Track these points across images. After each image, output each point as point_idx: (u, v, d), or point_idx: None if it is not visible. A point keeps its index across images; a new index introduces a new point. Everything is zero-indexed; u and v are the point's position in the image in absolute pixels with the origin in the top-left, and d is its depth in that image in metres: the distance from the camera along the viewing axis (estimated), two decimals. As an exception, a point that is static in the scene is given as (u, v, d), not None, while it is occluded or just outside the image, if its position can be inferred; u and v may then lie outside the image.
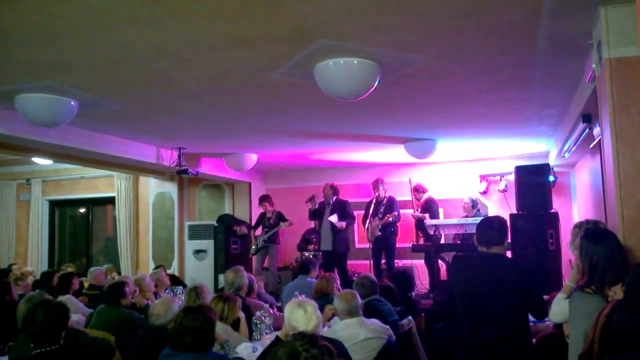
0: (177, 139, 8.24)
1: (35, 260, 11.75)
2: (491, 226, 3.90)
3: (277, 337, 3.91)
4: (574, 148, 7.05)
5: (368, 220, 9.09)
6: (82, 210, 12.42)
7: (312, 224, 10.66)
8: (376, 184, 9.35)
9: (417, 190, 9.68)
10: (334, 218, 9.03)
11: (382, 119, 7.03)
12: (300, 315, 3.74)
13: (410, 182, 9.63)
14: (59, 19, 3.67)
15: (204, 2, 3.45)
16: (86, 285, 7.74)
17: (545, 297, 4.00)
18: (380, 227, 9.03)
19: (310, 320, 3.71)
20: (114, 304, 5.34)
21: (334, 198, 9.32)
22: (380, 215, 9.09)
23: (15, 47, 4.18)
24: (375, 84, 4.77)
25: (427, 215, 9.41)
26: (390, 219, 8.98)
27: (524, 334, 3.78)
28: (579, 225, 3.83)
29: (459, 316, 3.90)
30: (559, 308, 3.54)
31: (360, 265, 9.84)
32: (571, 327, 3.19)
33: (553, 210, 7.92)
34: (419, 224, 9.39)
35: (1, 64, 4.59)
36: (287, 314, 3.85)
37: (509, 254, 4.92)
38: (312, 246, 10.36)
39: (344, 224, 9.05)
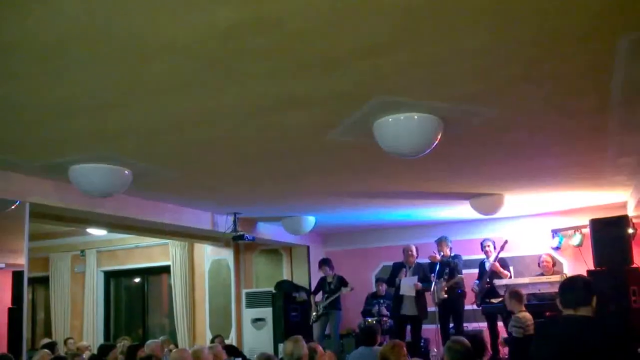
0: (232, 203, 8.20)
1: (91, 333, 11.70)
2: (575, 285, 3.62)
3: None
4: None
5: (433, 283, 8.69)
6: (138, 280, 12.42)
7: (373, 288, 10.29)
8: (441, 243, 9.00)
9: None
10: (412, 280, 8.72)
11: (445, 174, 6.85)
12: None
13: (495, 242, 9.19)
14: (115, 88, 3.70)
15: (260, 64, 3.40)
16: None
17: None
18: (446, 289, 8.63)
19: None
20: None
21: (415, 259, 9.03)
22: (446, 277, 8.68)
23: (71, 117, 4.23)
24: (438, 140, 4.60)
25: (508, 273, 9.00)
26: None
27: None
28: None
29: None
30: None
31: (426, 330, 9.34)
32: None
33: (635, 265, 7.54)
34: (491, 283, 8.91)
35: (56, 135, 4.64)
36: None
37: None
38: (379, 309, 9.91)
39: (420, 285, 8.73)
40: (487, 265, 9.01)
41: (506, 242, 8.90)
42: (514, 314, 7.13)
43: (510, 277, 9.08)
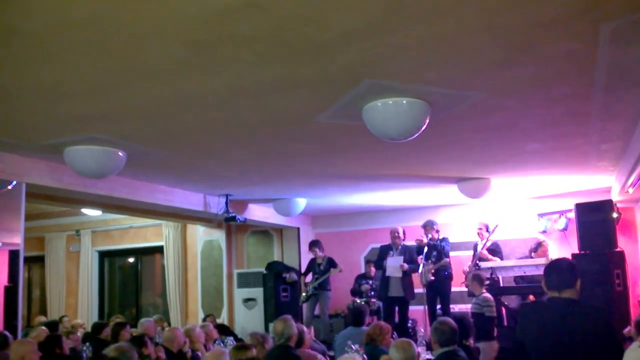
0: (224, 185, 8.24)
1: (86, 311, 11.82)
2: (560, 268, 3.65)
3: None
4: (638, 183, 6.72)
5: (421, 265, 8.82)
6: (131, 259, 12.51)
7: (362, 270, 10.40)
8: (427, 226, 9.11)
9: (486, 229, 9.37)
10: (397, 261, 8.83)
11: (433, 158, 6.88)
12: None
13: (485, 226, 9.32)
14: (107, 72, 3.71)
15: (250, 48, 3.41)
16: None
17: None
18: (433, 271, 8.77)
19: None
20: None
21: (402, 242, 9.13)
22: (433, 259, 8.82)
23: (64, 100, 4.24)
24: (426, 124, 4.63)
25: (497, 259, 9.14)
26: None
27: None
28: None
29: None
30: (633, 356, 3.33)
31: (414, 312, 9.51)
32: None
33: (618, 249, 7.62)
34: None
35: (50, 117, 4.66)
36: None
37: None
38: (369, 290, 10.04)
39: (407, 266, 8.85)
40: (479, 248, 9.15)
41: (497, 226, 9.04)
42: (477, 296, 7.38)
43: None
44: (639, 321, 4.77)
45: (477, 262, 8.91)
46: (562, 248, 9.46)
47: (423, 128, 4.65)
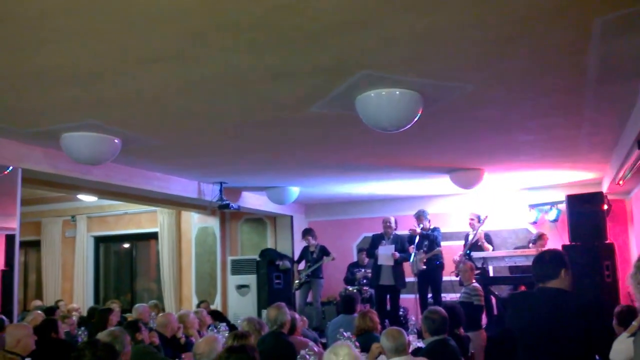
0: (218, 173, 8.27)
1: (81, 296, 11.87)
2: (542, 260, 3.72)
3: None
4: (629, 175, 6.78)
5: (413, 254, 8.88)
6: (126, 245, 12.55)
7: (354, 258, 10.47)
8: (420, 216, 9.17)
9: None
10: (389, 250, 8.90)
11: (426, 149, 6.91)
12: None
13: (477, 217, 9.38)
14: (100, 58, 3.71)
15: (242, 36, 3.43)
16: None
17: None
18: (425, 260, 8.84)
19: None
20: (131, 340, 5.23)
21: (394, 231, 9.18)
22: (425, 249, 8.89)
23: (59, 86, 4.24)
24: (419, 115, 4.66)
25: (490, 247, 9.21)
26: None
27: None
28: (643, 258, 3.59)
29: (520, 355, 3.70)
30: (621, 347, 3.37)
31: (406, 300, 9.59)
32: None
33: (608, 241, 7.67)
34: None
35: (46, 104, 4.67)
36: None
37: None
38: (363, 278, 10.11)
39: (398, 255, 8.92)
40: (470, 238, 9.22)
41: (486, 217, 9.11)
42: (466, 285, 7.50)
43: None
44: (619, 312, 4.84)
45: (469, 251, 8.99)
46: (553, 239, 9.48)
47: (415, 119, 4.67)
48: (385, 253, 8.93)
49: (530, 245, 9.12)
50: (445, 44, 3.63)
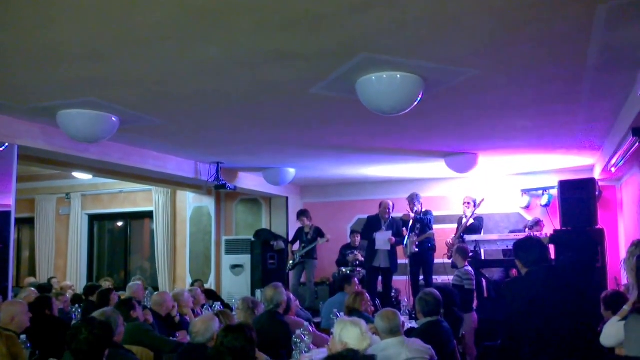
0: (215, 154, 8.27)
1: (75, 274, 11.87)
2: (533, 246, 3.85)
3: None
4: (621, 162, 6.84)
5: (406, 237, 8.95)
6: (121, 224, 12.54)
7: (347, 240, 10.57)
8: (413, 199, 9.21)
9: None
10: (386, 235, 8.96)
11: (423, 133, 6.93)
12: (356, 333, 3.75)
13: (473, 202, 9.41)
14: (103, 36, 3.71)
15: (246, 18, 3.43)
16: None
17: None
18: (417, 243, 8.90)
19: (365, 339, 3.73)
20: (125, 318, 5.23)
21: (390, 215, 9.22)
22: (417, 231, 8.95)
23: (59, 64, 4.23)
24: (419, 99, 4.67)
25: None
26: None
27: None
28: (636, 244, 3.66)
29: (526, 335, 3.78)
30: (612, 331, 3.42)
31: (397, 282, 9.67)
32: (627, 350, 3.06)
33: (599, 226, 7.73)
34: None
35: (44, 80, 4.66)
36: (338, 331, 3.82)
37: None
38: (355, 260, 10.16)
39: (394, 240, 8.98)
40: (463, 221, 9.28)
41: (482, 200, 9.16)
42: (459, 268, 7.58)
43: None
44: (605, 297, 4.92)
45: (462, 235, 9.06)
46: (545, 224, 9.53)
47: (415, 103, 4.68)
48: (383, 238, 8.99)
49: (527, 230, 9.19)
50: (450, 29, 3.64)
